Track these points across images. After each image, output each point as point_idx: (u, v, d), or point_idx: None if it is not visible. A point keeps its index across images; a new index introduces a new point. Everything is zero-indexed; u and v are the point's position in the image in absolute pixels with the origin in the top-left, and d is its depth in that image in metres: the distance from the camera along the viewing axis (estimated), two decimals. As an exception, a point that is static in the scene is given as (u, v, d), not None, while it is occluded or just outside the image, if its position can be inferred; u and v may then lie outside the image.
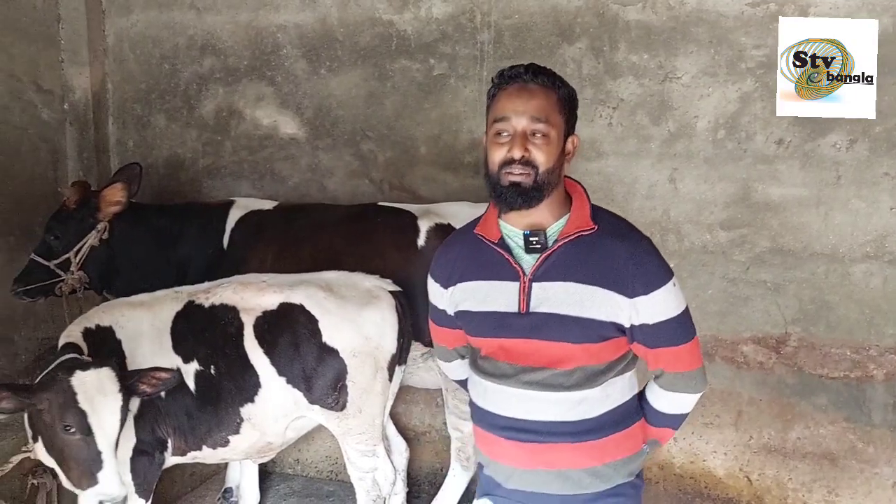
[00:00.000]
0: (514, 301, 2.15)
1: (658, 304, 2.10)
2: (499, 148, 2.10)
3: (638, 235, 2.19)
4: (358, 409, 3.37)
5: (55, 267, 3.96)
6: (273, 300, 3.34)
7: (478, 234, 2.25)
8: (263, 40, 4.63)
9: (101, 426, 2.74)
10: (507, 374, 2.17)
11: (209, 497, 4.56)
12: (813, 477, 3.95)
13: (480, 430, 2.30)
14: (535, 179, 2.07)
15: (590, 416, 2.16)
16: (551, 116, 2.09)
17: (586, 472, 2.17)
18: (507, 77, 2.14)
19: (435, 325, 2.50)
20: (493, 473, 2.28)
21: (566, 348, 2.10)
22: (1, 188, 4.48)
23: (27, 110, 4.66)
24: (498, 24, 4.17)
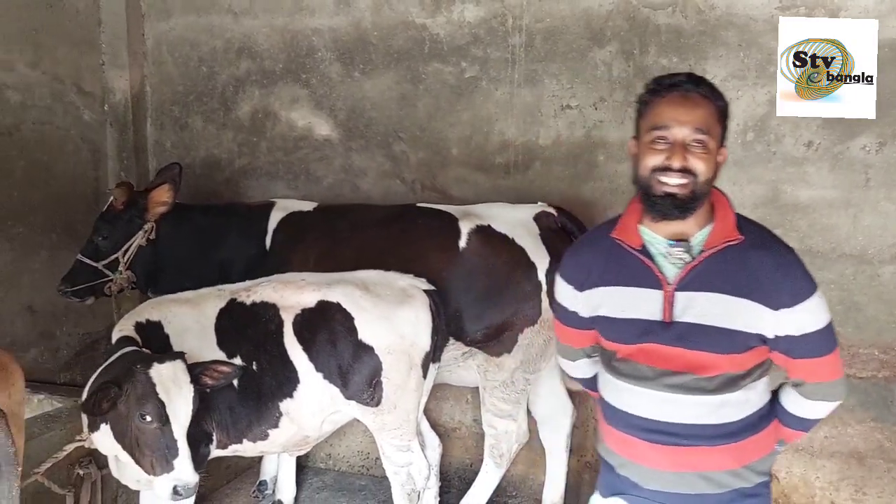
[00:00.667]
0: (658, 310, 2.14)
1: (803, 316, 2.09)
2: (655, 154, 2.10)
3: (784, 247, 2.19)
4: (393, 405, 3.44)
5: (103, 267, 4.05)
6: (311, 298, 3.42)
7: (616, 238, 2.24)
8: (299, 44, 4.73)
9: (176, 416, 2.86)
10: (647, 376, 2.17)
11: (244, 490, 4.66)
12: (840, 476, 3.98)
13: (616, 431, 2.29)
14: (692, 189, 2.07)
15: (730, 419, 2.16)
16: (712, 127, 2.10)
17: (727, 473, 2.17)
18: (666, 85, 2.14)
19: (562, 325, 2.49)
20: (630, 474, 2.27)
21: (711, 358, 2.10)
22: (44, 187, 4.62)
23: (69, 112, 4.80)
24: (529, 28, 4.23)
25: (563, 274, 2.40)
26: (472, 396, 4.62)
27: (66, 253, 4.72)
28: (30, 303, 4.57)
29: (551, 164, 4.31)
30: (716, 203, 2.19)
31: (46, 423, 3.71)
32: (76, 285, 4.07)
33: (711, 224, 2.16)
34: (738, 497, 2.19)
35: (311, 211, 4.19)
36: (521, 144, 4.35)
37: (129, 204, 4.06)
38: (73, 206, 4.81)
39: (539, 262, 3.73)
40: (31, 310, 4.59)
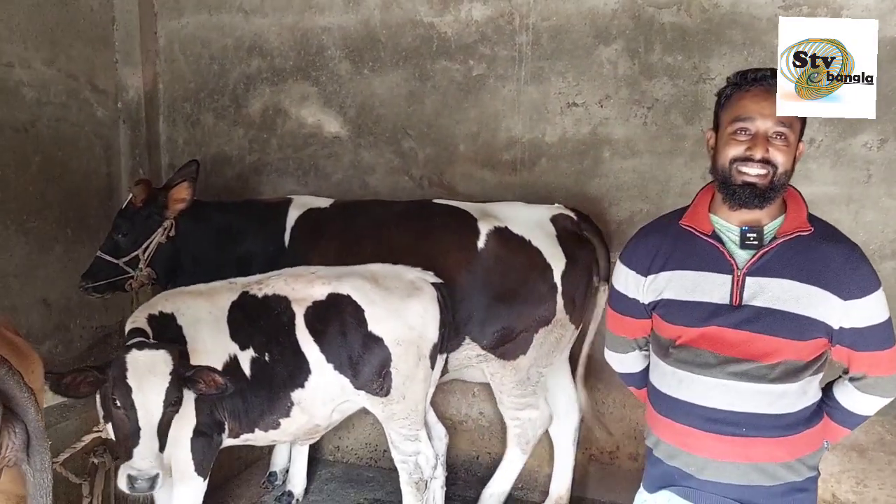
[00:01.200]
0: (727, 293, 2.19)
1: (870, 309, 2.15)
2: (736, 144, 2.19)
3: (851, 241, 2.24)
4: (401, 395, 3.51)
5: (123, 264, 4.10)
6: (322, 291, 3.49)
7: (686, 225, 2.29)
8: (308, 42, 4.80)
9: (143, 404, 2.84)
10: (709, 363, 2.20)
11: (254, 480, 4.74)
12: (842, 468, 4.04)
13: (670, 422, 2.31)
14: (771, 180, 2.15)
15: (789, 410, 2.20)
16: (794, 121, 2.21)
17: (783, 466, 2.21)
18: (750, 79, 2.27)
19: (618, 315, 2.51)
20: (683, 465, 2.29)
21: (776, 342, 2.14)
22: (59, 182, 4.70)
23: (83, 109, 4.87)
24: (536, 26, 4.30)
25: (626, 260, 2.43)
26: (479, 390, 4.69)
27: (80, 247, 4.82)
28: (45, 296, 4.65)
29: (558, 160, 4.37)
30: (788, 197, 2.26)
31: (62, 413, 3.78)
32: (97, 281, 4.12)
33: (783, 215, 2.23)
34: (789, 490, 2.22)
35: (327, 208, 4.23)
36: (528, 141, 4.41)
37: (148, 201, 4.11)
38: (86, 202, 4.90)
39: (555, 264, 3.79)
40: (46, 303, 4.66)
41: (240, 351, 3.41)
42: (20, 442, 2.07)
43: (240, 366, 3.38)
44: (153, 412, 2.87)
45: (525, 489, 4.64)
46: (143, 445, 2.85)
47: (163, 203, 4.13)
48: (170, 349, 2.98)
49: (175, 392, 2.93)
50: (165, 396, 2.89)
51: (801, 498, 2.24)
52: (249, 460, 4.91)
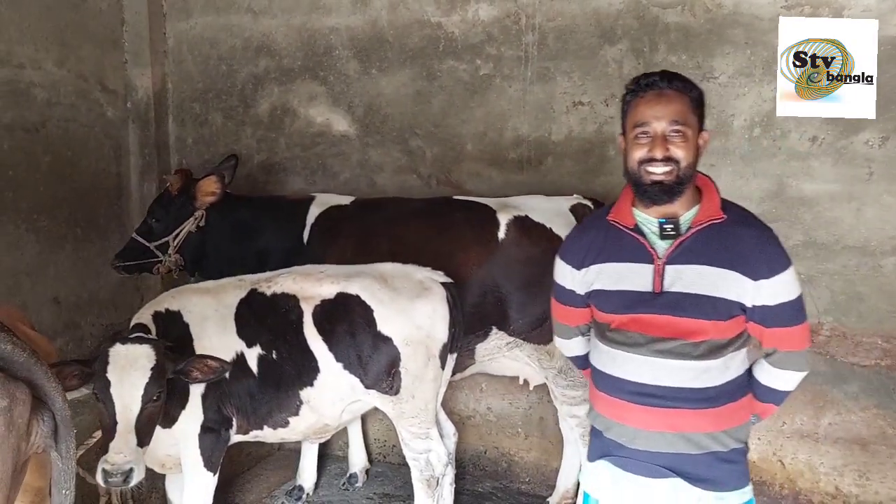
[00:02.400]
0: (649, 281, 2.36)
1: (779, 287, 2.30)
2: (640, 147, 2.33)
3: (762, 224, 2.41)
4: (411, 395, 3.54)
5: (155, 248, 4.22)
6: (331, 290, 3.51)
7: (612, 220, 2.46)
8: (316, 42, 4.85)
9: (120, 397, 2.84)
10: (638, 342, 2.37)
11: (263, 476, 4.79)
12: (844, 461, 4.08)
13: (606, 396, 2.47)
14: (676, 175, 2.30)
15: (712, 384, 2.35)
16: (687, 117, 2.32)
17: (706, 435, 2.35)
18: (643, 85, 2.36)
19: (560, 304, 2.69)
20: (616, 436, 2.44)
21: (698, 324, 2.30)
22: (69, 182, 4.75)
23: (93, 109, 4.92)
24: (542, 27, 4.34)
25: (563, 256, 2.62)
26: (486, 385, 4.74)
27: (90, 246, 4.88)
28: (55, 294, 4.70)
29: (563, 159, 4.41)
30: (702, 187, 2.42)
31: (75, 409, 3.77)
32: (128, 261, 4.27)
33: (698, 205, 2.38)
34: (714, 460, 2.36)
35: (348, 205, 4.28)
36: (534, 140, 4.46)
37: (182, 190, 4.23)
38: (96, 201, 4.95)
39: None
40: (57, 301, 4.72)
41: (247, 348, 3.43)
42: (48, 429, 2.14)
43: (246, 363, 3.42)
44: (131, 407, 2.86)
45: (532, 483, 4.69)
46: (119, 440, 2.83)
47: (193, 194, 4.23)
48: (154, 344, 2.99)
49: (155, 387, 2.92)
50: (144, 391, 2.88)
51: (728, 469, 2.38)
52: (259, 456, 4.97)
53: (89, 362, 2.92)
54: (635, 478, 2.41)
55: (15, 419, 2.03)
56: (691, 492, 2.35)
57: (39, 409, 2.12)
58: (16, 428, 2.04)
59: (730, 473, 2.38)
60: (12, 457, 2.06)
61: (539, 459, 4.68)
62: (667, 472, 2.36)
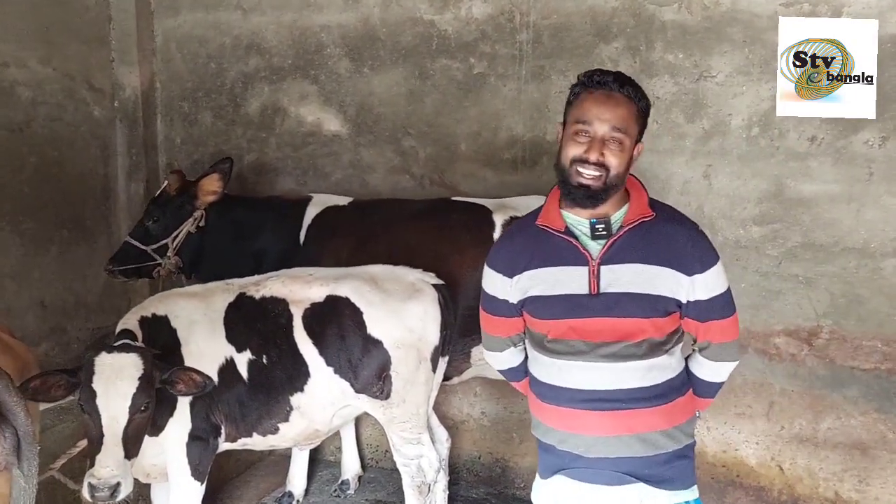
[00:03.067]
0: (585, 284, 2.33)
1: (711, 281, 2.34)
2: (576, 145, 2.30)
3: (690, 221, 2.44)
4: (402, 399, 3.49)
5: (152, 251, 4.15)
6: (320, 293, 3.46)
7: (541, 224, 2.43)
8: (307, 40, 4.77)
9: (107, 408, 2.76)
10: (581, 350, 2.34)
11: (252, 483, 4.71)
12: (843, 466, 4.02)
13: (555, 408, 2.43)
14: (604, 181, 2.28)
15: (659, 381, 2.37)
16: (630, 127, 2.30)
17: (661, 434, 2.37)
18: (595, 82, 2.32)
19: (491, 316, 2.62)
20: (573, 447, 2.40)
21: (637, 323, 2.31)
22: (55, 183, 4.68)
23: (80, 108, 4.85)
24: (537, 25, 4.27)
25: (492, 265, 2.55)
26: (481, 389, 4.68)
27: (77, 248, 4.81)
28: (41, 297, 4.63)
29: (558, 159, 4.34)
30: (630, 187, 2.42)
31: (58, 415, 3.77)
32: (124, 266, 4.18)
33: (627, 204, 2.39)
34: (670, 458, 2.38)
35: (345, 206, 4.26)
36: (529, 140, 4.39)
37: (181, 191, 4.18)
38: (83, 202, 4.88)
39: None
40: (42, 304, 4.65)
41: (236, 353, 3.38)
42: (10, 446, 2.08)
43: (236, 368, 3.36)
44: (118, 418, 2.78)
45: (526, 488, 4.62)
46: (105, 453, 2.75)
47: (194, 193, 4.18)
48: (141, 352, 2.90)
49: (143, 398, 2.83)
50: (132, 402, 2.80)
51: (682, 465, 2.41)
52: (248, 462, 4.89)
53: (74, 371, 2.84)
54: (598, 488, 2.39)
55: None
56: (654, 494, 2.36)
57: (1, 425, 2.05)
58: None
59: (684, 471, 2.42)
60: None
61: (534, 465, 4.49)
62: (630, 478, 2.36)
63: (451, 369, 3.91)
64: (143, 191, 5.00)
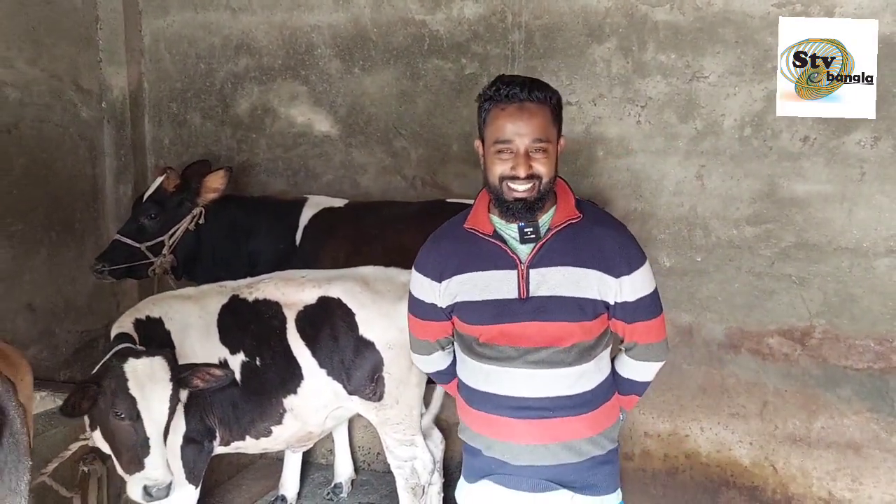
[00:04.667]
0: (514, 288, 2.32)
1: (637, 283, 2.35)
2: (501, 163, 2.26)
3: (618, 222, 2.46)
4: (395, 400, 3.48)
5: (146, 249, 4.09)
6: (312, 295, 3.45)
7: (469, 228, 2.42)
8: (298, 40, 4.74)
9: (149, 413, 2.85)
10: (510, 356, 2.34)
11: (245, 486, 4.70)
12: (837, 466, 4.04)
13: (483, 414, 2.42)
14: (538, 190, 2.27)
15: (588, 388, 2.38)
16: (549, 131, 2.26)
17: (587, 441, 2.38)
18: (503, 96, 2.25)
19: (418, 320, 2.61)
20: (499, 454, 2.40)
21: (566, 327, 2.30)
22: (43, 185, 4.61)
23: (68, 109, 4.78)
24: (528, 25, 4.26)
25: (420, 269, 2.53)
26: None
27: (66, 251, 4.76)
28: (30, 301, 4.56)
29: (550, 159, 4.33)
30: (557, 188, 2.39)
31: (50, 420, 3.71)
32: (115, 265, 4.09)
33: (555, 206, 2.37)
34: (594, 465, 2.40)
35: (341, 208, 4.24)
36: (521, 141, 4.37)
37: (180, 187, 4.12)
38: (71, 204, 4.82)
39: None
40: (31, 308, 4.58)
41: (230, 355, 3.38)
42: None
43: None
44: (159, 420, 2.89)
45: (519, 490, 4.61)
46: (155, 454, 2.86)
47: (196, 190, 4.12)
48: (164, 354, 2.96)
49: (176, 397, 2.94)
50: (170, 404, 2.91)
51: (607, 470, 2.44)
52: (240, 465, 4.87)
53: (97, 382, 2.87)
54: (521, 494, 2.39)
55: None
56: (577, 500, 2.38)
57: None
58: None
59: (608, 476, 2.43)
60: None
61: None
62: (553, 485, 2.36)
63: None
64: (132, 192, 4.93)
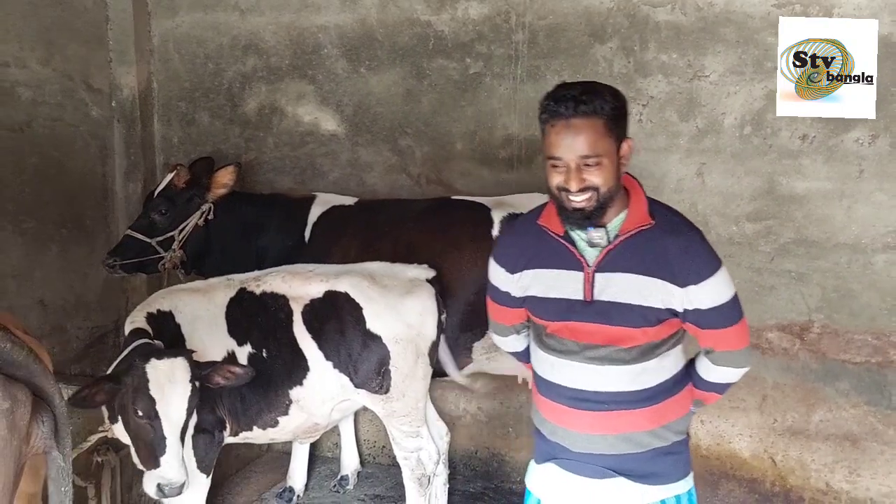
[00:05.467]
0: (580, 289, 2.34)
1: (709, 292, 2.29)
2: (556, 174, 2.25)
3: (690, 229, 2.37)
4: (401, 393, 3.54)
5: (157, 244, 4.14)
6: (319, 288, 3.52)
7: (542, 225, 2.42)
8: (305, 40, 4.81)
9: (167, 413, 2.89)
10: (572, 350, 2.37)
11: (253, 479, 4.77)
12: (835, 458, 4.10)
13: (548, 401, 2.48)
14: (596, 200, 2.23)
15: (648, 385, 2.37)
16: (599, 145, 2.19)
17: (647, 433, 2.38)
18: (552, 112, 2.22)
19: (495, 304, 2.66)
20: (560, 440, 2.45)
21: (627, 332, 2.30)
22: (55, 182, 4.69)
23: (79, 108, 4.86)
24: (532, 25, 4.33)
25: (496, 258, 2.59)
26: (478, 385, 4.70)
27: (76, 248, 4.83)
28: (41, 297, 4.63)
29: (553, 157, 4.39)
30: (630, 190, 2.36)
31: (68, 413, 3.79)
32: (126, 259, 4.15)
33: (626, 210, 2.33)
34: (656, 455, 2.39)
35: (351, 206, 4.29)
36: (525, 139, 4.44)
37: (190, 183, 4.17)
38: (82, 202, 4.89)
39: None
40: (43, 304, 4.65)
41: (237, 347, 3.45)
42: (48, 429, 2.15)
43: (237, 362, 3.40)
44: (177, 420, 2.93)
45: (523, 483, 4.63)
46: (171, 454, 2.91)
47: (205, 186, 4.19)
48: (185, 354, 3.00)
49: (196, 399, 2.98)
50: (188, 405, 2.94)
51: (671, 461, 2.43)
52: (248, 458, 4.93)
53: (119, 379, 2.93)
54: (583, 479, 2.42)
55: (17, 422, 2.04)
56: (635, 488, 2.39)
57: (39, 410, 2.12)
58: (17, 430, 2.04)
59: (673, 465, 2.43)
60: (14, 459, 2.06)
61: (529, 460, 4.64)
62: (610, 472, 2.38)
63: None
64: (141, 190, 4.99)
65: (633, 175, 2.39)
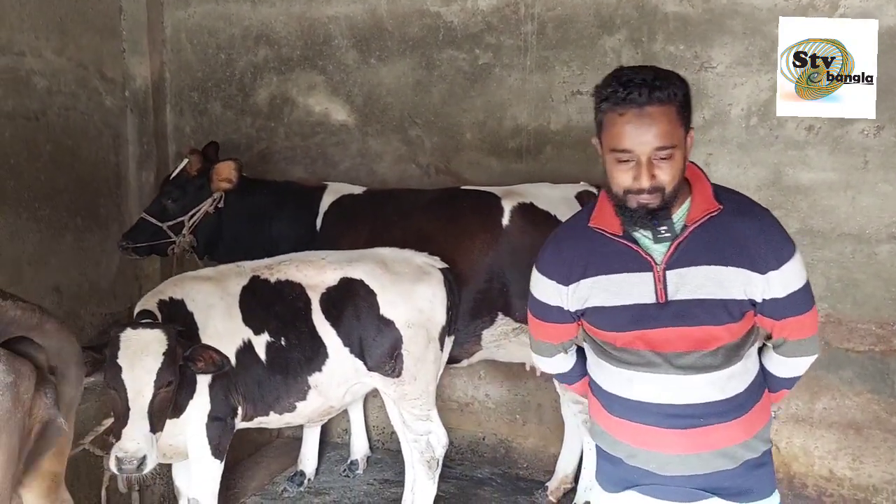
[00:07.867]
0: (651, 291, 2.12)
1: (788, 276, 2.11)
2: (622, 173, 2.04)
3: (762, 210, 2.18)
4: (413, 377, 3.60)
5: (167, 228, 4.21)
6: (334, 276, 3.57)
7: (595, 227, 2.20)
8: (315, 31, 4.86)
9: (133, 383, 2.83)
10: (654, 362, 2.15)
11: (264, 463, 4.85)
12: (838, 445, 4.15)
13: (625, 421, 2.24)
14: (663, 198, 2.03)
15: (737, 391, 2.18)
16: (674, 135, 2.00)
17: (741, 446, 2.19)
18: (621, 99, 1.99)
19: (540, 322, 2.40)
20: (644, 463, 2.23)
21: (710, 331, 2.10)
22: (69, 171, 4.74)
23: (92, 98, 4.91)
24: (541, 16, 4.37)
25: (543, 270, 2.32)
26: (485, 372, 4.78)
27: (90, 235, 4.88)
28: (56, 283, 4.68)
29: (562, 148, 4.45)
30: (691, 177, 2.16)
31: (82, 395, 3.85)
32: (138, 242, 4.23)
33: (690, 199, 2.14)
34: (748, 469, 2.21)
35: (360, 194, 4.33)
36: (533, 129, 4.49)
37: (202, 171, 4.23)
38: (96, 190, 4.94)
39: None
40: (58, 290, 4.70)
41: (254, 335, 3.47)
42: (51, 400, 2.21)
43: (254, 350, 3.46)
44: (143, 392, 2.84)
45: (530, 469, 4.74)
46: (132, 426, 2.82)
47: (210, 176, 4.24)
48: (166, 329, 2.97)
49: (168, 373, 2.90)
50: (156, 377, 2.87)
51: (762, 473, 2.24)
52: (260, 443, 5.01)
53: (100, 348, 2.91)
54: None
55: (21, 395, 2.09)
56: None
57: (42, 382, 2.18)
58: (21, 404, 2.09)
59: (763, 479, 2.24)
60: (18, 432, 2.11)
61: (537, 445, 4.72)
62: (704, 493, 2.19)
63: (462, 352, 4.01)
64: (154, 179, 5.06)
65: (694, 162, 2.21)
